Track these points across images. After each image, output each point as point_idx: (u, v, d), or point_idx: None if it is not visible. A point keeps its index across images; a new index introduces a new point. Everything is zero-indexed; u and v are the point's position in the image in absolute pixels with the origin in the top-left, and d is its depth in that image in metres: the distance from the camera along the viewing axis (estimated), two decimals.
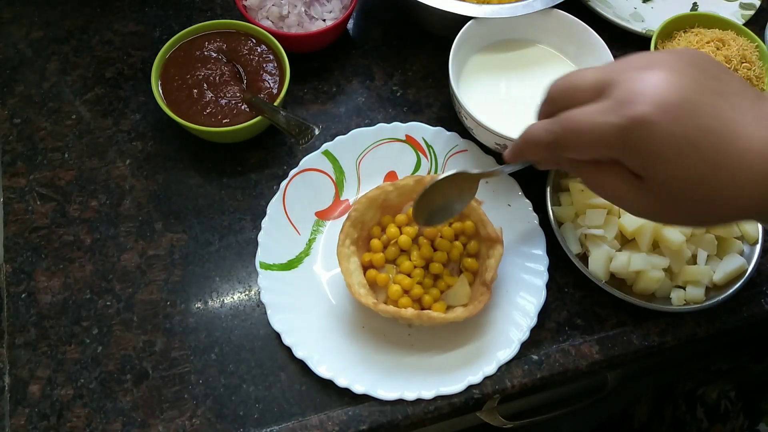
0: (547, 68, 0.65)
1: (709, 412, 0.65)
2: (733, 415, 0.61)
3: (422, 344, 0.55)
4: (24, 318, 0.55)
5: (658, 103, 0.33)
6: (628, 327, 0.57)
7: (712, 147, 0.34)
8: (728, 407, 0.62)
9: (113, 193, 0.61)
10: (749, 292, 0.60)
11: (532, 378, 0.55)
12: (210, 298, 0.57)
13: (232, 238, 0.60)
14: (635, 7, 0.78)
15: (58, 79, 0.67)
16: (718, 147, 0.34)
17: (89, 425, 0.51)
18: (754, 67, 0.66)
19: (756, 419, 0.57)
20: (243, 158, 0.64)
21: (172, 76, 0.62)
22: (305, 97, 0.68)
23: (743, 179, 0.34)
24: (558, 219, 0.59)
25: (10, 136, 0.63)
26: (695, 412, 0.67)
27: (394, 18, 0.75)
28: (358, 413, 0.52)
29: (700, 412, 0.66)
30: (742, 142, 0.34)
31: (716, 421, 0.63)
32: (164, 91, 0.61)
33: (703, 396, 0.67)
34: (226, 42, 0.64)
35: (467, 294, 0.54)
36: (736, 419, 0.60)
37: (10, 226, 0.59)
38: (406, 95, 0.69)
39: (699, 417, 0.66)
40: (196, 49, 0.63)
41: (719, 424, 0.63)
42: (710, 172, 0.34)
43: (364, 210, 0.57)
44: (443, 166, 0.63)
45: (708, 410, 0.65)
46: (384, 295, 0.55)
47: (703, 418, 0.66)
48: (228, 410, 0.53)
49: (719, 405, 0.63)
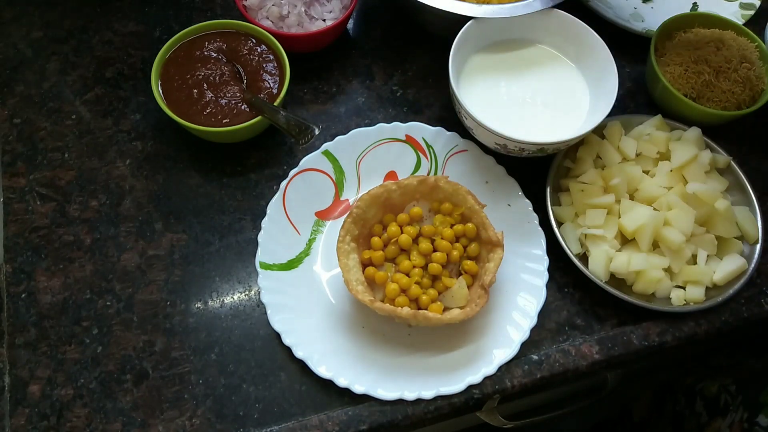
0: (547, 68, 0.65)
1: (709, 405, 0.65)
2: (732, 408, 0.61)
3: (422, 344, 0.55)
4: (24, 318, 0.55)
5: None
6: (628, 327, 0.57)
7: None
8: (728, 400, 0.62)
9: (113, 193, 0.61)
10: (749, 292, 0.60)
11: (532, 378, 0.55)
12: (210, 298, 0.57)
13: (232, 238, 0.60)
14: (635, 7, 0.78)
15: (58, 79, 0.67)
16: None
17: (89, 425, 0.51)
18: (754, 67, 0.66)
19: (756, 411, 0.57)
20: (243, 158, 0.64)
21: (172, 76, 0.62)
22: (305, 97, 0.68)
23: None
24: (558, 219, 0.59)
25: (10, 136, 0.63)
26: (694, 407, 0.67)
27: (394, 18, 0.75)
28: (358, 413, 0.52)
29: (699, 406, 0.67)
30: None
31: (716, 414, 0.63)
32: (164, 91, 0.61)
33: (702, 390, 0.67)
34: (226, 42, 0.64)
35: (465, 296, 0.54)
36: (736, 412, 0.60)
37: (10, 226, 0.59)
38: (406, 95, 0.69)
39: (698, 411, 0.66)
40: (196, 49, 0.63)
41: (719, 417, 0.63)
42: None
43: (366, 207, 0.57)
44: (443, 166, 0.63)
45: (707, 404, 0.65)
46: (382, 294, 0.55)
47: (702, 411, 0.66)
48: (228, 410, 0.53)
49: (719, 398, 0.63)
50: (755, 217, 0.60)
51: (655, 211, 0.57)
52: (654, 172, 0.61)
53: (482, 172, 0.62)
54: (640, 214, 0.56)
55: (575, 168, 0.62)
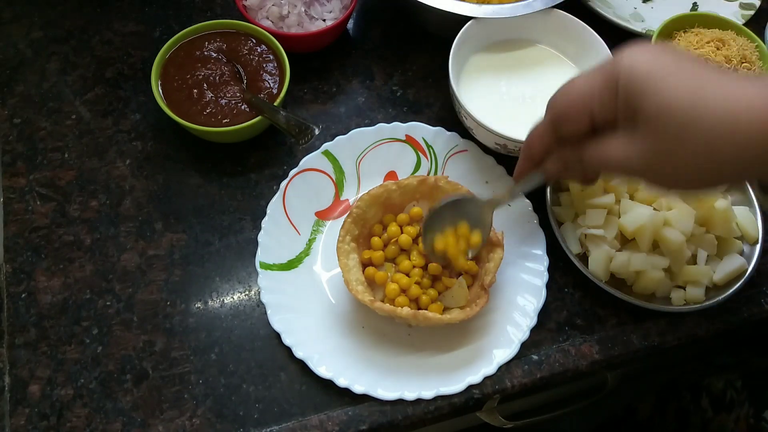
0: (547, 68, 0.65)
1: (715, 401, 0.65)
2: (738, 403, 0.61)
3: (422, 344, 0.55)
4: (24, 318, 0.55)
5: (637, 50, 0.38)
6: (628, 327, 0.57)
7: (692, 71, 0.36)
8: (734, 396, 0.62)
9: (113, 193, 0.61)
10: (749, 292, 0.60)
11: (532, 378, 0.55)
12: (210, 298, 0.57)
13: (232, 238, 0.60)
14: (635, 7, 0.78)
15: (58, 79, 0.67)
16: (698, 71, 0.36)
17: (89, 425, 0.51)
18: (754, 67, 0.66)
19: (762, 407, 0.57)
20: (243, 158, 0.64)
21: (172, 77, 0.62)
22: (305, 97, 0.68)
23: (733, 99, 0.35)
24: (558, 219, 0.59)
25: (10, 136, 0.63)
26: (700, 402, 0.67)
27: (394, 18, 0.75)
28: (358, 413, 0.52)
29: (705, 401, 0.66)
30: (718, 74, 0.36)
31: (721, 410, 0.63)
32: (164, 92, 0.61)
33: (708, 386, 0.67)
34: (226, 42, 0.64)
35: (465, 296, 0.54)
36: (741, 408, 0.60)
37: (10, 226, 0.59)
38: (406, 95, 0.69)
39: (704, 407, 0.66)
40: (196, 49, 0.63)
41: (724, 413, 0.63)
42: (695, 91, 0.35)
43: (366, 207, 0.57)
44: (443, 166, 0.63)
45: (713, 399, 0.65)
46: (382, 294, 0.55)
47: (708, 407, 0.66)
48: (228, 410, 0.53)
49: (725, 394, 0.63)
50: (755, 217, 0.60)
51: (655, 211, 0.57)
52: None
53: (482, 172, 0.62)
54: (640, 214, 0.56)
55: None
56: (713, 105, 0.35)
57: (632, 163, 0.39)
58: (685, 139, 0.36)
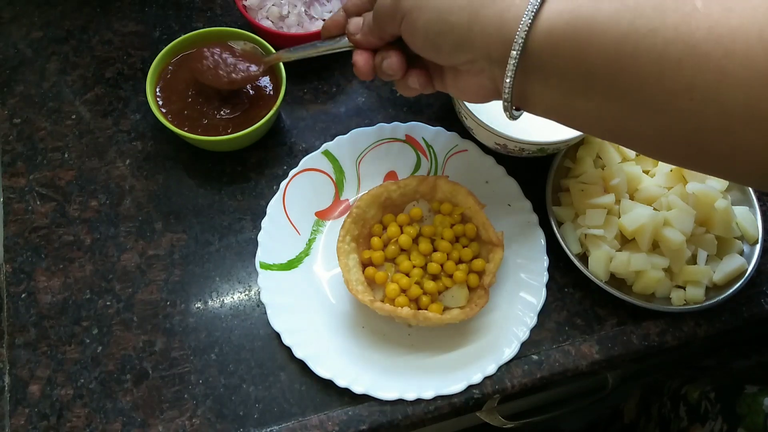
0: None
1: (691, 411, 0.65)
2: (712, 416, 0.60)
3: (422, 344, 0.55)
4: (24, 318, 0.55)
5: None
6: (628, 327, 0.57)
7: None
8: (708, 408, 0.61)
9: (113, 193, 0.61)
10: (749, 292, 0.60)
11: (532, 378, 0.55)
12: (210, 298, 0.57)
13: (232, 238, 0.60)
14: None
15: (58, 79, 0.67)
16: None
17: (89, 425, 0.51)
18: None
19: (735, 423, 0.57)
20: (243, 158, 0.64)
21: (169, 84, 0.62)
22: (305, 97, 0.68)
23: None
24: (558, 219, 0.59)
25: (10, 136, 0.63)
26: (678, 411, 0.67)
27: None
28: (358, 413, 0.52)
29: (682, 410, 0.66)
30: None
31: (695, 420, 0.63)
32: (162, 100, 0.61)
33: (686, 395, 0.67)
34: (220, 48, 0.64)
35: (465, 296, 0.54)
36: (715, 421, 0.59)
37: (10, 226, 0.59)
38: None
39: (681, 415, 0.66)
40: (191, 59, 0.63)
41: (698, 424, 0.62)
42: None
43: (366, 207, 0.57)
44: (443, 166, 0.63)
45: (690, 409, 0.65)
46: (382, 294, 0.55)
47: (684, 416, 0.65)
48: (228, 410, 0.53)
49: (700, 405, 0.63)
50: (755, 217, 0.60)
51: (655, 211, 0.57)
52: (654, 172, 0.61)
53: (482, 172, 0.62)
54: (640, 214, 0.56)
55: (575, 168, 0.62)
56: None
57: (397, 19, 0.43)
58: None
